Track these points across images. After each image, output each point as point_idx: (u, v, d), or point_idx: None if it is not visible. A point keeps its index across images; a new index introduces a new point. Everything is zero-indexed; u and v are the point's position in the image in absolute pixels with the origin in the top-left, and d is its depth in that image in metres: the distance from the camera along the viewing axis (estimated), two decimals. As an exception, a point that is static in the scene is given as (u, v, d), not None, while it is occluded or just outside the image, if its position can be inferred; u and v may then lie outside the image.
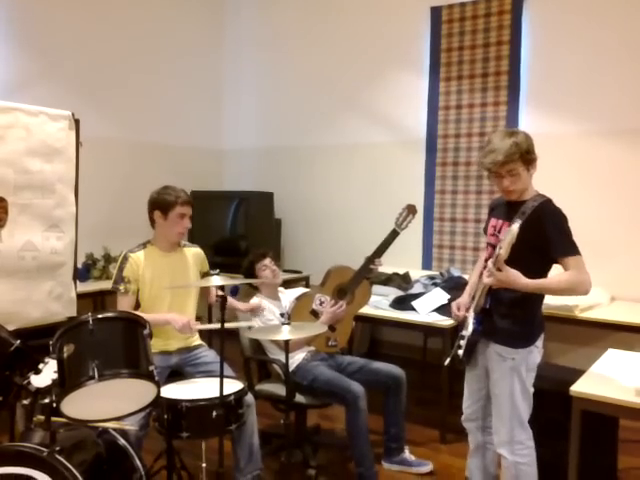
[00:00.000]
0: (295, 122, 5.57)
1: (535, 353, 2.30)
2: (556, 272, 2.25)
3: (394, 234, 3.07)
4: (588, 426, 2.18)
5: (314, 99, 5.42)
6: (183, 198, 2.87)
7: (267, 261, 3.22)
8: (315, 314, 3.13)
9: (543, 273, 2.26)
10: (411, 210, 3.11)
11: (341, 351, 3.26)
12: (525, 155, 2.22)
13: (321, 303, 3.13)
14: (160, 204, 2.85)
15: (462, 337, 2.35)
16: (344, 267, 3.22)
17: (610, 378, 2.30)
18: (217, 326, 2.36)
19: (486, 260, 2.29)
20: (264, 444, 2.85)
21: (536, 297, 2.30)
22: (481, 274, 2.28)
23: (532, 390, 2.30)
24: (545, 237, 2.19)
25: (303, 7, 5.45)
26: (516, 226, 2.05)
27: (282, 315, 3.14)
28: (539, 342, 2.32)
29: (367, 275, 3.14)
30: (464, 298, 2.49)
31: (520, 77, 4.35)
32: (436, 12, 4.67)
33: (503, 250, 2.05)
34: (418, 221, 4.83)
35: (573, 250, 2.19)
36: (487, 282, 2.17)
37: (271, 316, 3.12)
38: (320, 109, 5.39)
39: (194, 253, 3.04)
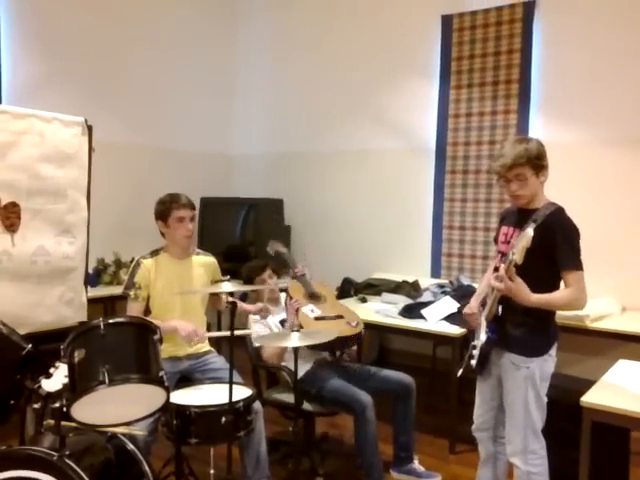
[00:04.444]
0: (305, 128, 5.59)
1: (549, 362, 2.29)
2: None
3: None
4: (599, 437, 2.16)
5: (324, 105, 5.44)
6: (178, 201, 2.85)
7: (266, 274, 3.20)
8: (321, 319, 3.09)
9: (554, 284, 2.24)
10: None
11: (349, 358, 3.24)
12: (534, 160, 2.22)
13: (312, 311, 3.11)
14: (158, 214, 2.89)
15: (474, 347, 2.34)
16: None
17: (621, 389, 2.28)
18: (225, 334, 2.36)
19: (496, 269, 2.28)
20: (272, 451, 2.84)
21: None
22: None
23: (546, 399, 2.28)
24: (555, 246, 2.18)
25: (314, 13, 5.48)
26: (531, 229, 2.02)
27: (282, 322, 3.13)
28: (553, 351, 2.30)
29: (301, 280, 3.23)
30: (473, 303, 2.47)
31: (531, 85, 4.34)
32: (447, 20, 4.68)
33: (517, 255, 2.01)
34: (427, 229, 4.82)
35: (577, 265, 2.19)
36: (495, 286, 2.15)
37: (270, 324, 3.11)
38: (330, 115, 5.40)
39: (206, 262, 3.04)
